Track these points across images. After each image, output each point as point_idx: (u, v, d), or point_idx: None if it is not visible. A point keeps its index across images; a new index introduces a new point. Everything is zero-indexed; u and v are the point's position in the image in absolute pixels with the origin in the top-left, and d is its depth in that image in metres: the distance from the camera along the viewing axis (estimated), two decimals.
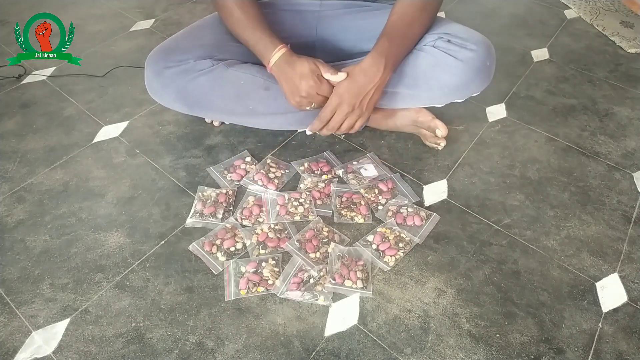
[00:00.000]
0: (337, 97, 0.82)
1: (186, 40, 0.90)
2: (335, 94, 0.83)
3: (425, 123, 0.97)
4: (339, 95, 0.82)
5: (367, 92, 0.82)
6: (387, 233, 0.84)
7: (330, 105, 0.83)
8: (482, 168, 0.98)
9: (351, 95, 0.82)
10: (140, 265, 0.80)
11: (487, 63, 0.87)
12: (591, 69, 1.28)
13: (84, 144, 1.02)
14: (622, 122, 1.11)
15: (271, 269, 0.78)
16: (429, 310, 0.74)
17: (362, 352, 0.69)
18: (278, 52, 0.82)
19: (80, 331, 0.71)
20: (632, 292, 0.78)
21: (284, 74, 0.83)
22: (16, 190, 0.92)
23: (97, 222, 0.86)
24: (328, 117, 0.85)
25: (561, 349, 0.70)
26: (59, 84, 1.19)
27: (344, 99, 0.82)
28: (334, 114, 0.84)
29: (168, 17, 1.48)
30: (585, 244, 0.85)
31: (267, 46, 0.83)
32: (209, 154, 1.00)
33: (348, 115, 0.84)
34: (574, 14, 1.53)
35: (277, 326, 0.72)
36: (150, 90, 0.90)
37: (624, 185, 0.96)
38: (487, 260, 0.81)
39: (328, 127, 0.87)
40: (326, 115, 0.85)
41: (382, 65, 0.80)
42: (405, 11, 0.84)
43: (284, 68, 0.82)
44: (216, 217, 0.86)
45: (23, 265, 0.79)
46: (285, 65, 0.82)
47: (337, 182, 0.94)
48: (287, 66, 0.82)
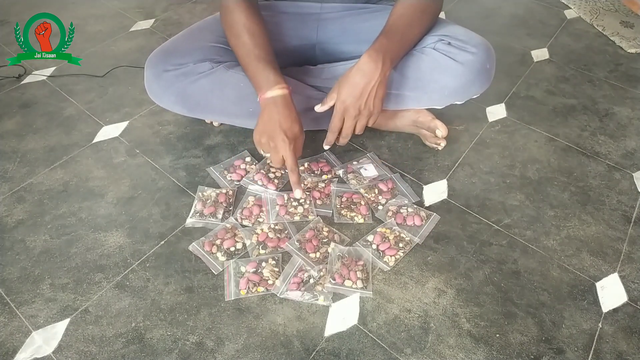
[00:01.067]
0: (341, 104, 0.81)
1: (185, 42, 0.90)
2: (339, 102, 0.81)
3: (425, 123, 0.97)
4: (342, 101, 0.81)
5: (370, 91, 0.80)
6: (387, 233, 0.84)
7: (337, 114, 0.82)
8: (482, 168, 0.98)
9: (354, 99, 0.80)
10: (140, 265, 0.80)
11: (487, 66, 0.87)
12: (591, 69, 1.29)
13: (84, 144, 1.02)
14: (622, 122, 1.11)
15: (271, 269, 0.78)
16: (429, 310, 0.74)
17: (362, 352, 0.69)
18: (281, 90, 0.79)
19: (80, 331, 0.71)
20: (632, 292, 0.78)
21: (273, 109, 0.79)
22: (16, 190, 0.92)
23: (97, 222, 0.86)
24: (338, 126, 0.84)
25: (561, 349, 0.70)
26: (59, 84, 1.19)
27: (348, 104, 0.80)
28: (343, 121, 0.83)
29: (168, 17, 1.48)
30: (585, 244, 0.85)
31: (269, 79, 0.80)
32: (209, 154, 1.00)
33: (357, 119, 0.83)
34: (574, 14, 1.53)
35: (277, 326, 0.72)
36: (151, 92, 0.90)
37: (624, 185, 0.96)
38: (487, 260, 0.81)
39: (343, 136, 0.85)
40: (336, 125, 0.83)
41: (380, 61, 0.78)
42: (405, 12, 0.83)
43: (278, 106, 0.79)
44: (216, 217, 0.86)
45: (23, 265, 0.79)
46: (281, 105, 0.79)
47: (337, 182, 0.94)
48: (282, 107, 0.79)
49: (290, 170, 0.82)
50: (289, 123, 0.79)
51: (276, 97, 0.79)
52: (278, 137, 0.79)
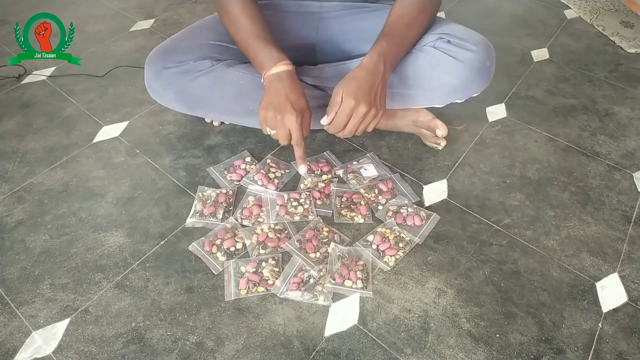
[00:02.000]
0: (351, 99, 0.75)
1: (186, 40, 0.90)
2: (349, 96, 0.75)
3: (425, 123, 0.97)
4: (354, 95, 0.75)
5: (377, 89, 0.77)
6: (387, 233, 0.84)
7: (345, 109, 0.76)
8: (482, 168, 0.98)
9: (365, 93, 0.75)
10: (140, 265, 0.80)
11: (487, 64, 0.87)
12: (591, 69, 1.28)
13: (84, 144, 1.02)
14: (622, 122, 1.11)
15: (271, 269, 0.78)
16: (429, 310, 0.74)
17: (362, 352, 0.69)
18: (284, 66, 0.78)
19: (80, 331, 0.71)
20: (632, 292, 0.78)
21: (279, 84, 0.77)
22: (16, 190, 0.92)
23: (97, 222, 0.86)
24: (344, 124, 0.78)
25: (561, 349, 0.70)
26: (59, 84, 1.19)
27: (359, 98, 0.75)
28: (350, 117, 0.77)
29: (168, 17, 1.48)
30: (585, 244, 0.85)
31: (273, 56, 0.79)
32: (209, 154, 1.00)
33: (365, 116, 0.77)
34: (574, 14, 1.53)
35: (277, 326, 0.72)
36: (151, 90, 0.90)
37: (624, 185, 0.96)
38: (487, 260, 0.81)
39: (344, 133, 0.80)
40: (342, 121, 0.77)
41: (382, 65, 0.78)
42: (404, 12, 0.83)
43: (284, 80, 0.77)
44: (216, 217, 0.86)
45: (23, 265, 0.79)
46: (287, 79, 0.77)
47: (337, 182, 0.94)
48: (288, 81, 0.77)
49: (297, 144, 0.79)
50: (295, 95, 0.77)
51: (281, 73, 0.78)
52: (285, 109, 0.76)
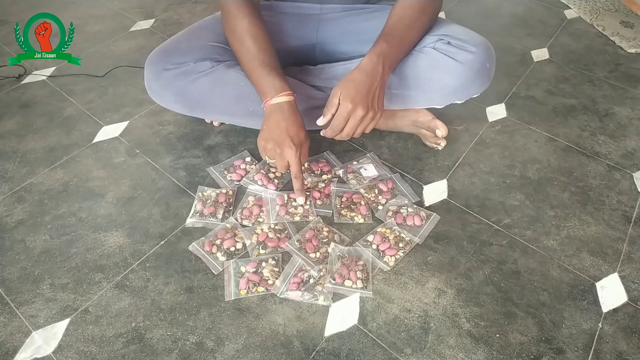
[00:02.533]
0: (348, 102, 0.76)
1: (186, 41, 0.90)
2: (346, 99, 0.76)
3: (425, 123, 0.97)
4: (351, 98, 0.76)
5: (374, 92, 0.78)
6: (387, 233, 0.84)
7: (342, 112, 0.77)
8: (482, 168, 0.98)
9: (363, 96, 0.76)
10: (140, 265, 0.80)
11: (487, 65, 0.87)
12: (591, 69, 1.29)
13: (84, 144, 1.02)
14: (622, 122, 1.11)
15: (271, 269, 0.78)
16: (429, 310, 0.74)
17: (362, 352, 0.69)
18: (286, 97, 0.78)
19: (80, 331, 0.71)
20: (632, 292, 0.78)
21: (280, 116, 0.78)
22: (16, 190, 0.92)
23: (97, 222, 0.86)
24: (341, 126, 0.79)
25: (561, 349, 0.70)
26: (59, 84, 1.19)
27: (357, 101, 0.76)
28: (347, 121, 0.78)
29: (168, 17, 1.48)
30: (585, 244, 0.85)
31: (275, 85, 0.79)
32: (209, 154, 1.00)
33: (363, 119, 0.78)
34: (574, 14, 1.53)
35: (277, 326, 0.72)
36: (151, 91, 0.90)
37: (624, 185, 0.96)
38: (487, 260, 0.81)
39: (341, 136, 0.81)
40: (339, 124, 0.78)
41: (380, 66, 0.78)
42: (404, 13, 0.83)
43: (285, 112, 0.78)
44: (216, 217, 0.86)
45: (23, 265, 0.79)
46: (287, 111, 0.78)
47: (337, 182, 0.94)
48: (289, 113, 0.78)
49: (295, 177, 0.82)
50: (295, 129, 0.79)
51: (282, 104, 0.79)
52: (285, 144, 0.78)
